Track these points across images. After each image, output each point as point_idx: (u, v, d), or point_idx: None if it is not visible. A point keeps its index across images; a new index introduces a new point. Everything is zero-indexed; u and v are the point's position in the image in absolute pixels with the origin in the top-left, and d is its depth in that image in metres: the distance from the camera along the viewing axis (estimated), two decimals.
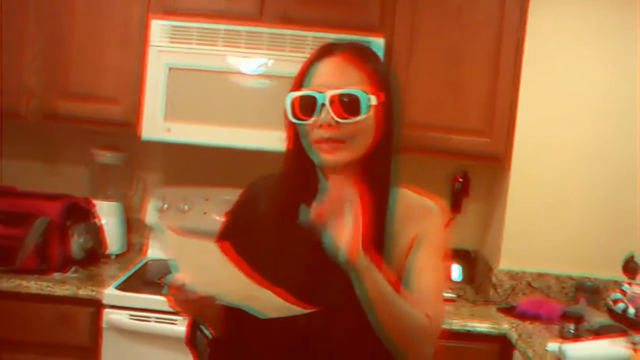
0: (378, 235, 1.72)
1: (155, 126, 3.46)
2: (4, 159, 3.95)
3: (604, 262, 3.51)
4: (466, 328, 3.22)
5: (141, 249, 3.92)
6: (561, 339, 3.06)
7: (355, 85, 1.72)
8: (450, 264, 3.76)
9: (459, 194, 3.88)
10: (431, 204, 1.88)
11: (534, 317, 3.32)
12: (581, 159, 3.54)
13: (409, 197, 1.87)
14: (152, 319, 3.18)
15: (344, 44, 1.81)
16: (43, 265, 3.35)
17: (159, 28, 3.44)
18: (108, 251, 3.75)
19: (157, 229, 3.80)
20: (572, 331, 3.09)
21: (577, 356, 2.78)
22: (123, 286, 3.32)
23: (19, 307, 3.24)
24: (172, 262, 1.61)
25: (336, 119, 1.70)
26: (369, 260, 1.57)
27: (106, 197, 3.86)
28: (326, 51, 1.79)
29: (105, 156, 3.85)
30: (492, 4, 3.51)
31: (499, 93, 3.53)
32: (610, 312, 3.31)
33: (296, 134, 1.79)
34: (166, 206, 3.79)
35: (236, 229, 1.89)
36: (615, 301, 3.31)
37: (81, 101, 3.57)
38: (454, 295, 3.56)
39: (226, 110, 3.44)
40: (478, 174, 3.91)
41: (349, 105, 1.70)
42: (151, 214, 3.81)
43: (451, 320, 3.21)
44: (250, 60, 3.43)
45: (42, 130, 3.87)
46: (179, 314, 1.78)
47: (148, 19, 3.48)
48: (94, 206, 3.70)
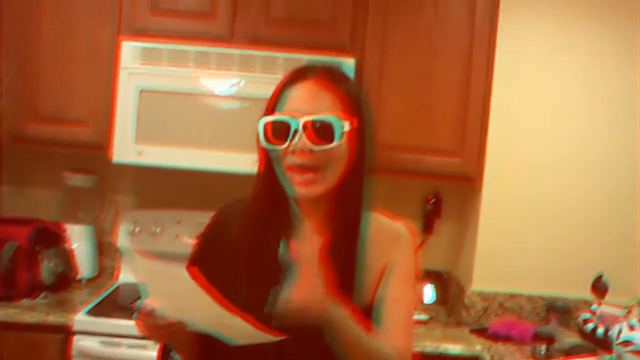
0: (349, 266, 1.72)
1: (126, 149, 3.44)
2: None
3: (575, 282, 3.52)
4: (439, 350, 3.21)
5: (113, 272, 3.88)
6: (533, 359, 3.06)
7: (329, 111, 1.72)
8: (422, 285, 3.76)
9: (431, 214, 3.88)
10: (401, 229, 1.89)
11: (506, 338, 3.32)
12: (552, 179, 3.56)
13: (379, 222, 1.87)
14: (124, 345, 3.14)
15: (316, 67, 1.80)
16: (11, 292, 3.29)
17: (129, 50, 3.43)
18: (79, 275, 3.71)
19: (126, 254, 3.76)
20: (543, 352, 3.10)
21: None
22: (94, 311, 3.27)
23: None
24: (142, 286, 1.59)
25: (310, 145, 1.69)
26: (340, 310, 1.59)
27: (77, 221, 3.82)
28: (299, 75, 1.78)
29: (76, 179, 3.82)
30: (462, 24, 3.53)
31: (469, 113, 3.54)
32: (581, 332, 3.33)
33: (268, 156, 1.78)
34: (138, 229, 3.77)
35: (207, 253, 1.88)
36: (585, 321, 3.33)
37: (51, 124, 3.54)
38: (426, 317, 3.56)
39: (197, 133, 3.43)
40: (450, 194, 3.92)
41: (322, 132, 1.70)
42: (123, 237, 3.78)
43: (424, 343, 3.20)
44: (221, 81, 3.42)
45: (11, 153, 3.83)
46: (149, 339, 1.75)
47: (118, 40, 3.46)
48: (64, 230, 3.66)
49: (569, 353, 3.07)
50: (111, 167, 3.60)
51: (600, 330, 3.24)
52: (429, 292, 3.82)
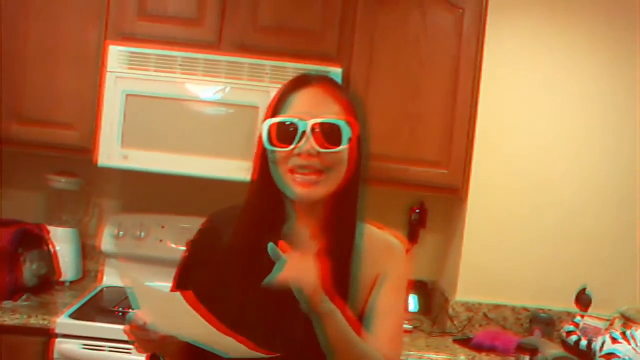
0: (343, 273, 1.72)
1: (112, 153, 3.43)
2: None
3: (559, 294, 3.54)
4: None
5: (96, 276, 3.85)
6: None
7: (336, 116, 1.73)
8: (408, 295, 3.75)
9: (416, 225, 3.88)
10: (394, 242, 1.90)
11: (490, 349, 3.32)
12: (537, 192, 3.57)
13: (373, 234, 1.87)
14: (107, 348, 3.11)
15: (319, 76, 1.82)
16: None
17: (116, 54, 3.42)
18: (62, 278, 3.68)
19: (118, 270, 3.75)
20: None
21: None
22: (76, 314, 3.24)
23: None
24: (134, 299, 1.59)
25: (317, 148, 1.70)
26: (331, 304, 1.58)
27: (61, 224, 3.79)
28: (303, 82, 1.80)
29: (60, 182, 3.79)
30: (450, 35, 3.54)
31: (456, 124, 3.55)
32: (564, 343, 3.34)
33: (263, 164, 1.78)
34: (122, 233, 3.75)
35: (198, 260, 1.87)
36: (569, 333, 3.34)
37: (37, 126, 3.52)
38: (410, 326, 3.56)
39: (183, 138, 3.42)
40: (435, 205, 3.92)
41: (330, 135, 1.71)
42: (107, 241, 3.76)
43: (408, 352, 3.20)
44: (208, 88, 3.42)
45: None
46: (137, 351, 1.74)
47: (105, 44, 3.45)
48: (48, 232, 3.64)
49: None
50: (96, 171, 3.58)
51: (584, 342, 3.26)
52: (414, 302, 3.82)
